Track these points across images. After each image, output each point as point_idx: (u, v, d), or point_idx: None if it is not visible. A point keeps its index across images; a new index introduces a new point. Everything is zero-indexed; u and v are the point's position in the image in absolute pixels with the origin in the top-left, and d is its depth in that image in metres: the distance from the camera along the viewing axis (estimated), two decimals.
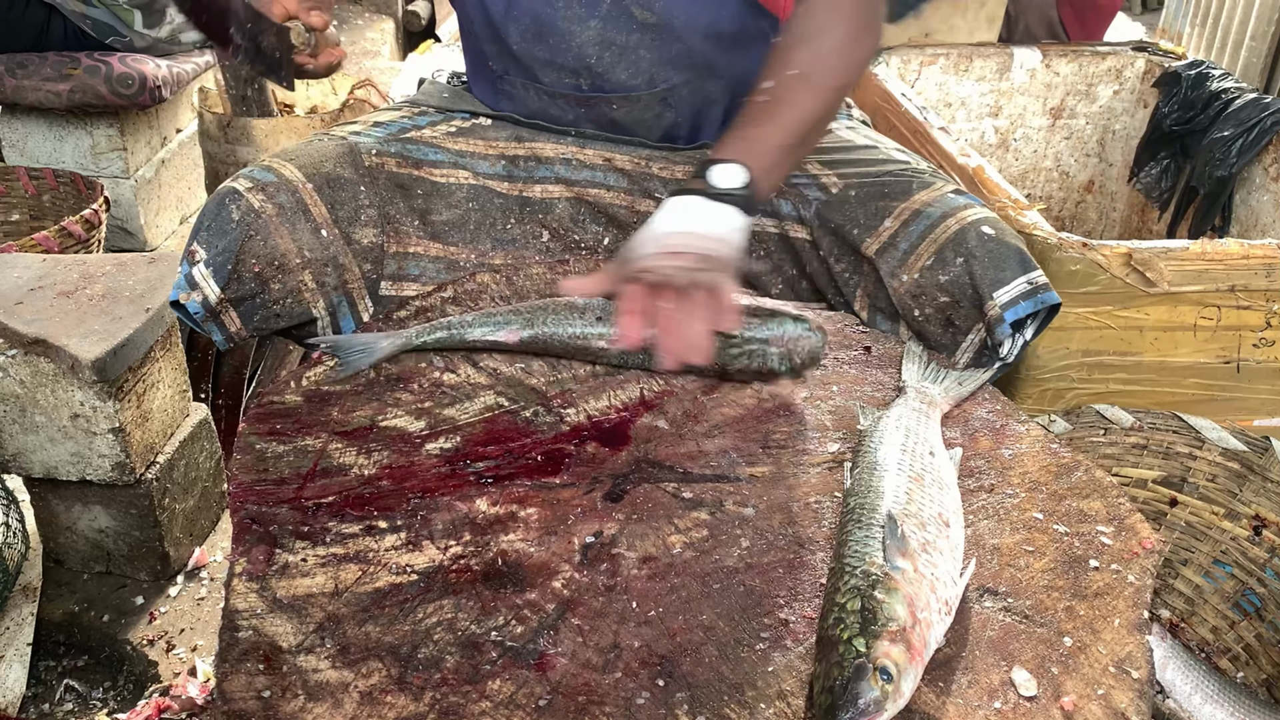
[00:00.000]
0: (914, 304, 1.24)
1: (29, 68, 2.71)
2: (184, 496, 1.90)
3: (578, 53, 1.35)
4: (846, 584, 0.83)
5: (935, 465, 0.98)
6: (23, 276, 1.80)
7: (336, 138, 1.37)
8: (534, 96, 1.43)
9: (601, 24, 1.33)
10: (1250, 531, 1.60)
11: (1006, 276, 1.19)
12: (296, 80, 1.37)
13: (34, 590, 1.71)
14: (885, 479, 0.94)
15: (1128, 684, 0.82)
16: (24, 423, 1.71)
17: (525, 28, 1.36)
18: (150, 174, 2.99)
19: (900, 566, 0.83)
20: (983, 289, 1.20)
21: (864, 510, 0.91)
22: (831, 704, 0.74)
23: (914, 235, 1.25)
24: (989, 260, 1.20)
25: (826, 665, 0.78)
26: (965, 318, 1.22)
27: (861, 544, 0.87)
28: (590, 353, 1.16)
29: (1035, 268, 1.21)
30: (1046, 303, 1.20)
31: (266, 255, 1.24)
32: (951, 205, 1.26)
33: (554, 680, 0.81)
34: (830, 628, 0.80)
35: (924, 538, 0.87)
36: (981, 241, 1.22)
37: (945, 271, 1.22)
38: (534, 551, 0.93)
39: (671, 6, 1.32)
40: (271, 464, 1.02)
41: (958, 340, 1.23)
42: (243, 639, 0.83)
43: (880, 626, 0.78)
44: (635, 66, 1.36)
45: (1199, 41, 3.98)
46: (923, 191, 1.29)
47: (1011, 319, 1.18)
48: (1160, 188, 2.43)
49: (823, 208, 1.33)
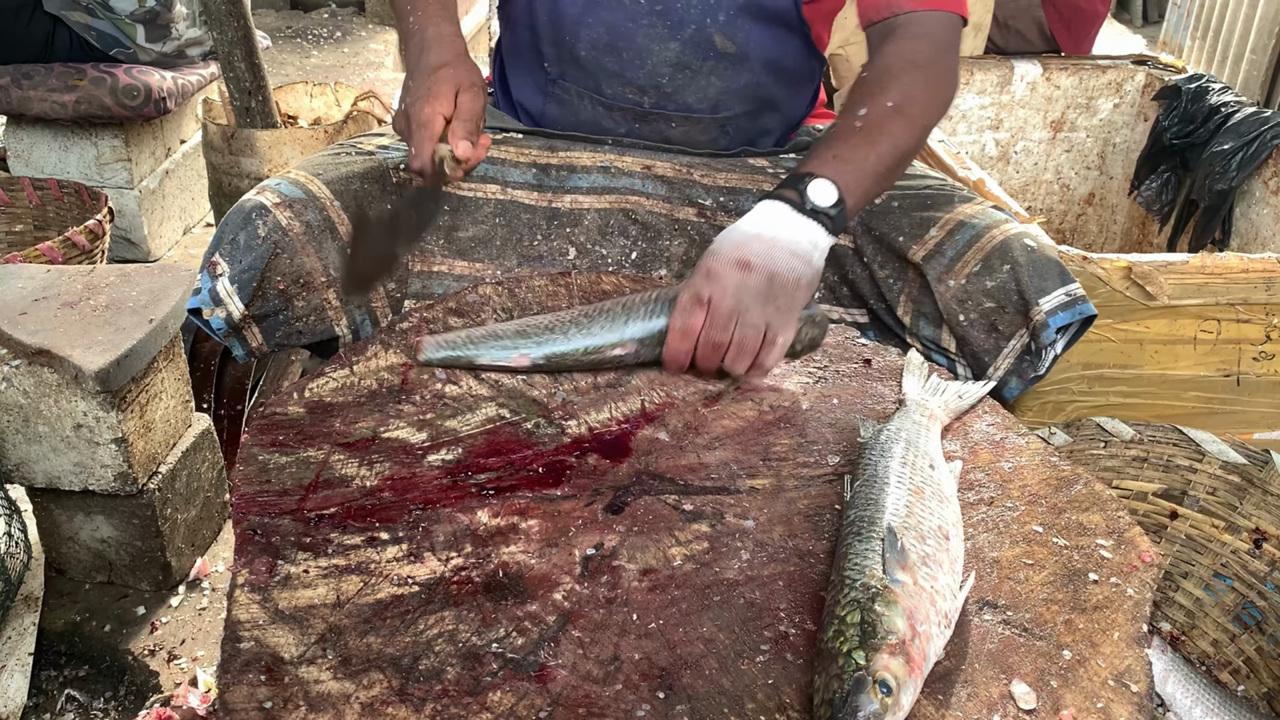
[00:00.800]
0: (959, 309, 1.26)
1: (34, 79, 2.72)
2: (186, 507, 1.91)
3: (650, 71, 1.37)
4: (846, 596, 0.83)
5: (935, 478, 0.99)
6: (27, 287, 1.81)
7: (364, 152, 1.37)
8: (588, 106, 1.43)
9: (681, 47, 1.35)
10: (1251, 545, 1.60)
11: (1050, 286, 1.23)
12: None
13: (36, 600, 1.71)
14: (885, 492, 0.95)
15: (1127, 697, 0.82)
16: (27, 433, 1.72)
17: (598, 37, 1.36)
18: (154, 184, 3.01)
19: (900, 580, 0.84)
20: (1029, 295, 1.23)
21: (864, 523, 0.91)
22: (831, 716, 0.75)
23: (960, 244, 1.28)
24: (1034, 269, 1.23)
25: (826, 678, 0.78)
26: (1009, 323, 1.25)
27: (861, 557, 0.87)
28: (603, 362, 1.17)
29: (1073, 280, 1.24)
30: (1084, 313, 1.23)
31: (292, 273, 1.24)
32: (994, 219, 1.30)
33: (554, 692, 0.81)
34: (830, 640, 0.80)
35: (923, 551, 0.88)
36: (1026, 252, 1.25)
37: (992, 278, 1.25)
38: (535, 563, 0.93)
39: (749, 39, 1.35)
40: (274, 475, 1.02)
41: (1000, 345, 1.25)
42: (245, 650, 0.84)
43: (880, 639, 0.78)
44: (704, 92, 1.38)
45: (1199, 54, 4.00)
46: (965, 205, 1.33)
47: (1055, 325, 1.21)
48: (1161, 201, 2.44)
49: (867, 216, 1.35)
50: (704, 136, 1.43)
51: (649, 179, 1.42)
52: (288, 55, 5.25)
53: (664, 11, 1.34)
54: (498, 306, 1.30)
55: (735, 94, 1.39)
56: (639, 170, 1.42)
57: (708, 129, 1.42)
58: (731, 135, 1.44)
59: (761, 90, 1.40)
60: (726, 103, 1.40)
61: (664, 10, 1.33)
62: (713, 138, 1.44)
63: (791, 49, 1.39)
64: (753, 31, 1.35)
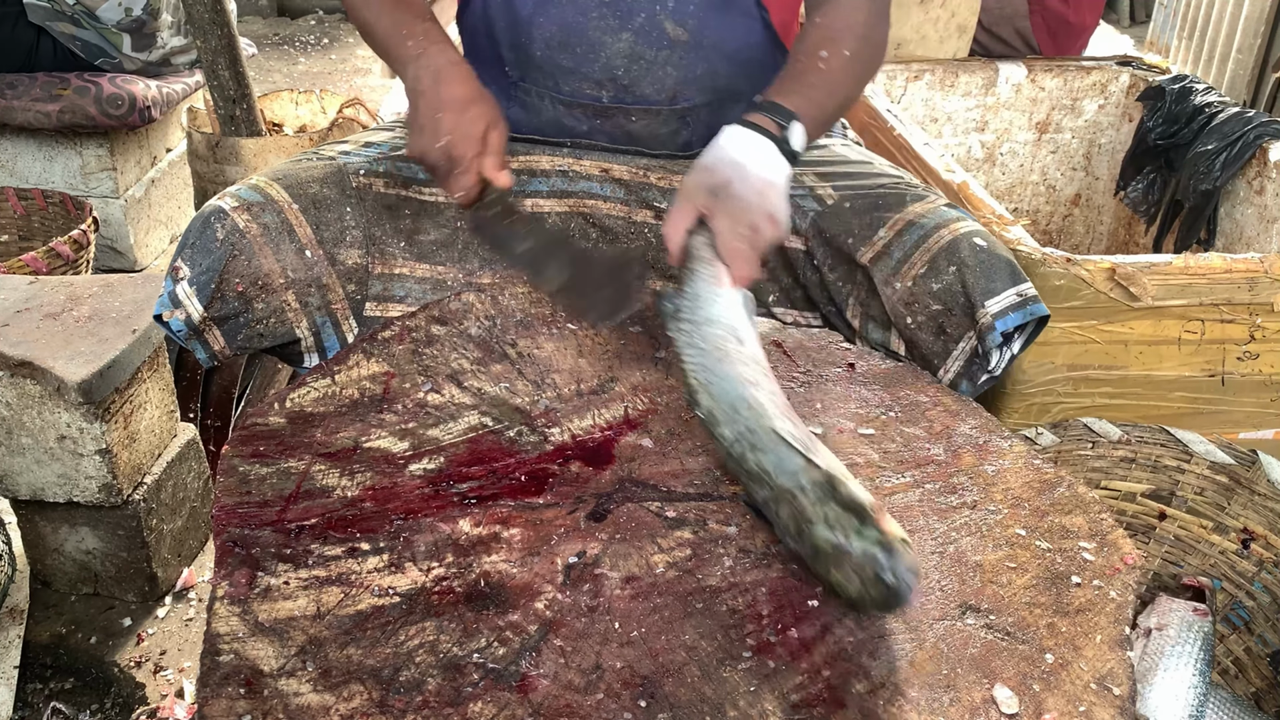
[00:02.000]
0: (906, 312, 1.26)
1: (18, 88, 2.71)
2: (172, 517, 1.90)
3: (605, 64, 1.37)
4: (809, 499, 0.89)
5: (754, 351, 1.07)
6: (9, 298, 1.80)
7: (325, 158, 1.38)
8: (549, 106, 1.43)
9: (634, 37, 1.35)
10: (1239, 545, 1.61)
11: (998, 287, 1.21)
12: None
13: (21, 613, 1.70)
14: (745, 394, 0.99)
15: (1109, 700, 0.82)
16: (10, 444, 1.71)
17: (551, 35, 1.36)
18: (140, 193, 2.99)
19: (821, 458, 0.91)
20: (975, 297, 1.21)
21: (752, 434, 0.96)
22: (885, 594, 0.83)
23: (908, 245, 1.26)
24: (981, 270, 1.22)
25: (848, 571, 0.85)
26: (957, 326, 1.23)
27: (780, 464, 0.92)
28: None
29: (1025, 280, 1.23)
30: (1036, 314, 1.21)
31: (250, 275, 1.24)
32: (945, 217, 1.28)
33: (536, 702, 0.81)
34: (823, 543, 0.87)
35: (793, 420, 0.97)
36: (974, 252, 1.23)
37: (938, 280, 1.23)
38: (517, 572, 0.93)
39: (703, 26, 1.35)
40: (254, 486, 1.02)
41: (949, 348, 1.24)
42: (224, 663, 0.83)
43: (868, 511, 0.85)
44: (661, 82, 1.38)
45: (1186, 54, 4.01)
46: (916, 204, 1.31)
47: (1002, 329, 1.19)
48: (1146, 201, 2.45)
49: (818, 218, 1.34)
50: (665, 129, 1.43)
51: (607, 182, 1.43)
52: (275, 62, 5.24)
53: (612, 3, 1.34)
54: (480, 315, 1.30)
55: (693, 84, 1.39)
56: (596, 173, 1.43)
57: (668, 121, 1.42)
58: (693, 128, 1.43)
59: (720, 80, 1.40)
60: (685, 93, 1.39)
61: (612, 2, 1.34)
62: (674, 130, 1.43)
63: (753, 37, 1.38)
64: (706, 18, 1.35)
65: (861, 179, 1.38)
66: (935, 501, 1.04)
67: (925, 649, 0.87)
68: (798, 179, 1.38)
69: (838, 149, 1.49)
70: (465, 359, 1.22)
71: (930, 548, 0.98)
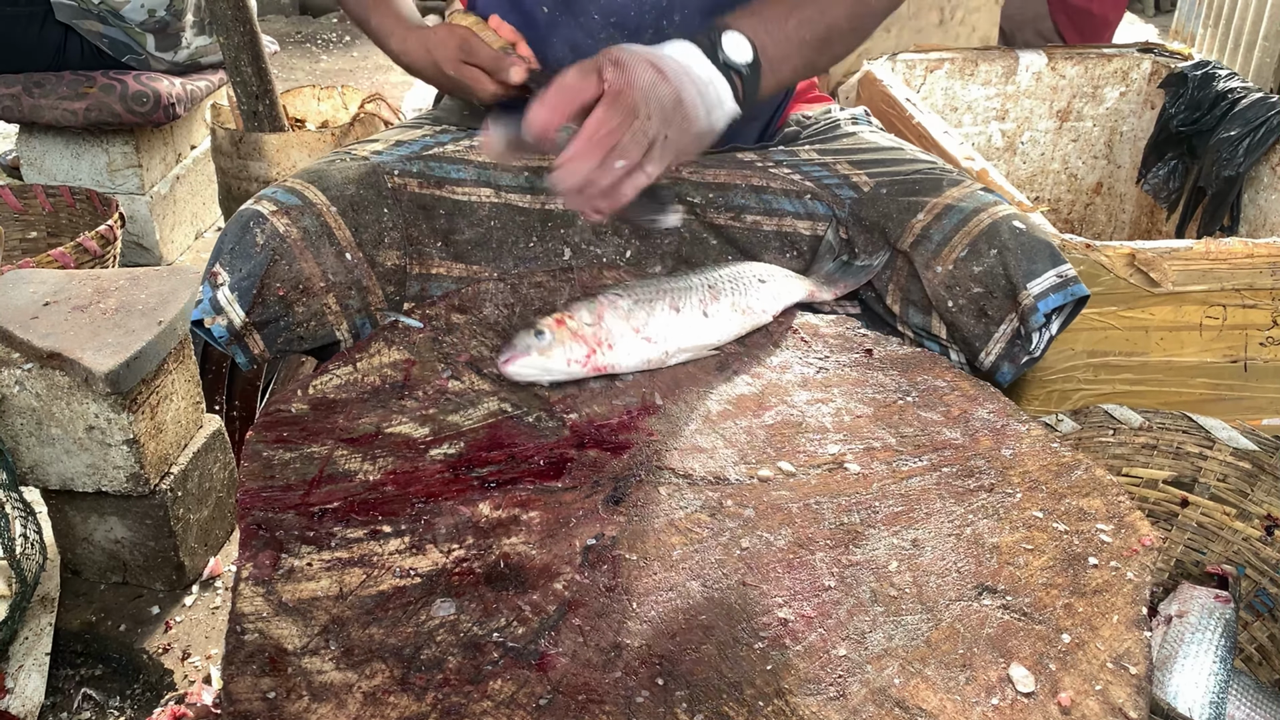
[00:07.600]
0: (948, 295, 1.26)
1: (46, 87, 2.75)
2: (198, 507, 1.93)
3: None
4: None
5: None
6: (38, 291, 1.83)
7: (359, 158, 1.38)
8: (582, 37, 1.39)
9: None
10: (1263, 532, 1.60)
11: (1039, 269, 1.21)
12: None
13: (52, 601, 1.73)
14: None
15: (1125, 679, 0.82)
16: (40, 435, 1.74)
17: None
18: (165, 190, 3.03)
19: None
20: (1016, 279, 1.21)
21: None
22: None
23: (947, 228, 1.27)
24: (1022, 252, 1.22)
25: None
26: (998, 308, 1.24)
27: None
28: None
29: (1065, 261, 1.23)
30: (1076, 294, 1.21)
31: (291, 279, 1.25)
32: (982, 201, 1.28)
33: (554, 679, 0.82)
34: None
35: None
36: (1014, 234, 1.23)
37: (979, 263, 1.24)
38: (536, 554, 0.94)
39: None
40: (278, 471, 1.03)
41: (990, 330, 1.25)
42: (249, 642, 0.85)
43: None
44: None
45: (1211, 42, 3.98)
46: (953, 188, 1.31)
47: (1044, 309, 1.20)
48: (1169, 188, 2.43)
49: (855, 205, 1.35)
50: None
51: None
52: (297, 60, 5.28)
53: (619, 23, 1.34)
54: (500, 302, 1.31)
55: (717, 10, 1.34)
56: None
57: None
58: None
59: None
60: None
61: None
62: None
63: None
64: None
65: (895, 165, 1.39)
66: (952, 484, 1.04)
67: (941, 629, 0.87)
68: (831, 168, 1.38)
69: (867, 135, 1.49)
70: (485, 346, 1.23)
71: (947, 530, 0.98)
